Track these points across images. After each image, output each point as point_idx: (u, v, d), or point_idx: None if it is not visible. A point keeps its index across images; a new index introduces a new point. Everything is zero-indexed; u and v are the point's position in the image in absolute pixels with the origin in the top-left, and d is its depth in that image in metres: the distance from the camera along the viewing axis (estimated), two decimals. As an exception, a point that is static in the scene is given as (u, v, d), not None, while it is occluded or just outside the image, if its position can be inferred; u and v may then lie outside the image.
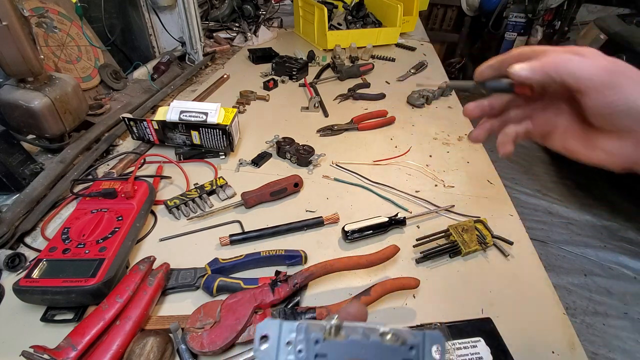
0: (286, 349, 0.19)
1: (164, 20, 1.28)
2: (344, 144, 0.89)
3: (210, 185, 0.70)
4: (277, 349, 0.19)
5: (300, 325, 0.19)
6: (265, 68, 1.24)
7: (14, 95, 0.68)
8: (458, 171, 0.82)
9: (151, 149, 0.82)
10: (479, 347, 0.46)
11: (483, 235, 0.61)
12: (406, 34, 1.67)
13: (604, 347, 1.41)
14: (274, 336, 0.19)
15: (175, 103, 0.77)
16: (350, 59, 1.35)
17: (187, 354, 0.44)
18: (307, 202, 0.71)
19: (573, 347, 0.49)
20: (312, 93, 1.09)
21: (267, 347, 0.19)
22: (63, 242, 0.52)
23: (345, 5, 1.58)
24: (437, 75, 1.30)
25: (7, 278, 0.53)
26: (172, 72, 1.17)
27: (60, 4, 0.91)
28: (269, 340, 0.19)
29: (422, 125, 0.99)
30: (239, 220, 0.66)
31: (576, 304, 1.58)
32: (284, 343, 0.19)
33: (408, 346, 0.19)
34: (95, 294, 0.47)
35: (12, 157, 0.65)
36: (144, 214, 0.61)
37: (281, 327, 0.19)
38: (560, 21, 2.96)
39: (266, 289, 0.49)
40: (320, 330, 0.19)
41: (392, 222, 0.63)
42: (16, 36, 0.62)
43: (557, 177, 2.33)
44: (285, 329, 0.19)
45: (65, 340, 0.41)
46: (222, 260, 0.55)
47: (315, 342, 0.19)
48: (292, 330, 0.19)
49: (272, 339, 0.19)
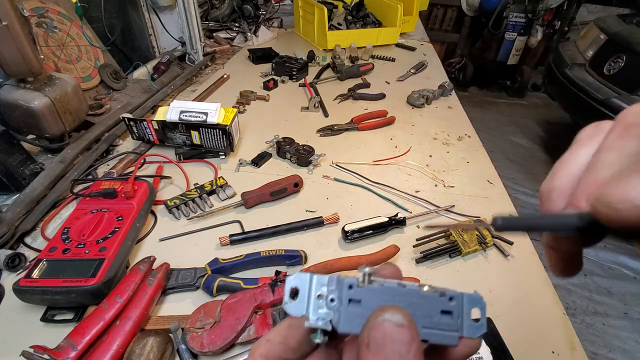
0: (317, 302, 0.18)
1: (164, 20, 1.28)
2: (344, 144, 0.89)
3: (210, 185, 0.70)
4: (307, 302, 0.18)
5: (331, 278, 0.19)
6: (265, 68, 1.24)
7: (14, 95, 0.68)
8: (458, 171, 0.82)
9: (151, 149, 0.82)
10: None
11: (483, 235, 0.61)
12: (406, 34, 1.67)
13: (604, 347, 1.41)
14: (304, 289, 0.19)
15: (175, 103, 0.77)
16: (350, 59, 1.35)
17: (187, 354, 0.44)
18: (307, 202, 0.71)
19: (573, 347, 0.49)
20: (312, 93, 1.09)
21: (297, 300, 0.19)
22: (63, 242, 0.52)
23: (345, 5, 1.58)
24: (437, 75, 1.30)
25: (7, 278, 0.53)
26: (172, 72, 1.17)
27: (60, 4, 0.91)
28: (298, 294, 0.19)
29: (422, 125, 0.99)
30: (239, 220, 0.65)
31: (576, 304, 1.58)
32: (315, 296, 0.19)
33: (447, 297, 0.18)
34: (95, 294, 0.47)
35: (12, 157, 0.65)
36: (144, 214, 0.61)
37: (312, 280, 0.19)
38: (560, 21, 2.96)
39: (266, 289, 0.48)
40: (353, 279, 0.19)
41: (392, 222, 0.63)
42: (16, 36, 0.62)
43: (557, 177, 2.33)
44: (317, 283, 0.19)
45: (65, 340, 0.41)
46: (222, 260, 0.55)
47: (349, 287, 0.18)
48: (323, 284, 0.19)
49: (302, 292, 0.19)
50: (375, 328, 0.16)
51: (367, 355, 0.15)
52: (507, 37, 2.91)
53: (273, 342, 0.19)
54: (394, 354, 0.15)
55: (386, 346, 0.15)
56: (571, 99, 2.04)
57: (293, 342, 0.19)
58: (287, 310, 0.18)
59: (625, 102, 1.73)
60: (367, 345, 0.16)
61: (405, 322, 0.16)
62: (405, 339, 0.15)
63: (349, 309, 0.18)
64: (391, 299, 0.18)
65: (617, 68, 1.85)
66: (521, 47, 2.97)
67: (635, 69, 1.77)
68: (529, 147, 2.62)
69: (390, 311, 0.16)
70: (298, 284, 0.19)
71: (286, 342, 0.19)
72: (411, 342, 0.15)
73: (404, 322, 0.16)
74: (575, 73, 2.05)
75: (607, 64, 1.91)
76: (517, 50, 2.98)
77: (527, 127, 2.87)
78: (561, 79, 2.13)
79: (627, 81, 1.79)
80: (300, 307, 0.18)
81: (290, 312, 0.18)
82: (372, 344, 0.16)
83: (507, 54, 3.01)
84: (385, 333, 0.16)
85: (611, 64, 1.90)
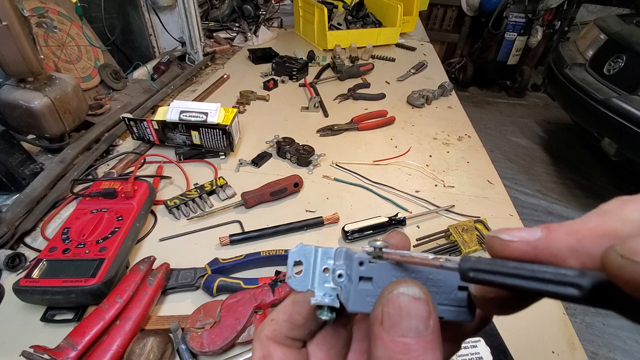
0: (323, 276, 0.17)
1: (164, 20, 1.28)
2: (344, 144, 0.89)
3: (210, 185, 0.70)
4: (312, 276, 0.17)
5: (339, 250, 0.17)
6: (265, 68, 1.24)
7: (14, 95, 0.68)
8: (458, 171, 0.82)
9: (151, 149, 0.82)
10: (479, 347, 0.46)
11: (483, 235, 0.61)
12: (406, 34, 1.67)
13: (604, 347, 1.41)
14: (309, 263, 0.17)
15: (175, 103, 0.77)
16: (350, 59, 1.35)
17: (187, 354, 0.44)
18: (307, 202, 0.71)
19: (573, 347, 0.49)
20: (312, 93, 1.09)
21: (301, 275, 0.17)
22: (63, 242, 0.52)
23: (345, 5, 1.58)
24: (437, 75, 1.30)
25: (7, 278, 0.53)
26: (172, 72, 1.17)
27: (60, 4, 0.91)
28: (302, 267, 0.17)
29: (422, 125, 0.99)
30: (239, 220, 0.65)
31: (576, 304, 1.58)
32: (320, 270, 0.17)
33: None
34: (95, 294, 0.47)
35: (12, 157, 0.65)
36: (144, 214, 0.61)
37: (317, 253, 0.17)
38: (560, 21, 2.96)
39: (266, 289, 0.48)
40: (363, 253, 0.17)
41: (392, 222, 0.63)
42: (16, 36, 0.62)
43: (557, 177, 2.33)
44: (322, 255, 0.18)
45: (65, 340, 0.41)
46: (222, 260, 0.55)
47: (359, 264, 0.16)
48: (329, 257, 0.17)
49: (306, 266, 0.17)
50: (389, 303, 0.15)
51: (381, 333, 0.14)
52: (507, 37, 2.91)
53: (278, 321, 0.18)
54: (410, 330, 0.14)
55: (402, 322, 0.14)
56: (571, 99, 2.04)
57: (299, 318, 0.18)
58: (290, 285, 0.17)
59: (625, 102, 1.73)
60: (381, 322, 0.14)
61: (422, 295, 0.15)
62: (422, 314, 0.14)
63: (360, 287, 0.16)
64: (406, 275, 0.17)
65: (617, 68, 1.85)
66: (521, 47, 2.97)
67: (635, 69, 1.77)
68: (529, 147, 2.62)
69: (405, 284, 0.15)
70: (302, 256, 0.18)
71: (292, 320, 0.18)
72: (428, 317, 0.14)
73: (421, 295, 0.15)
74: (575, 73, 2.05)
75: (607, 64, 1.91)
76: (517, 50, 2.98)
77: (527, 127, 2.87)
78: (561, 79, 2.13)
79: (627, 81, 1.78)
80: (304, 282, 0.17)
81: (294, 287, 0.17)
82: (387, 320, 0.14)
83: (507, 54, 3.01)
84: (401, 307, 0.14)
85: (611, 64, 1.90)
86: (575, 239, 0.13)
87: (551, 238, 0.13)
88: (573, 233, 0.13)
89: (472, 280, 0.14)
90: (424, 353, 0.14)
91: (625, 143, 1.81)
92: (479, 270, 0.13)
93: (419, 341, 0.14)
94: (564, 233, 0.13)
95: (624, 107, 1.72)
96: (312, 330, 0.18)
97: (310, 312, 0.18)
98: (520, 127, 2.86)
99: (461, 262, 0.14)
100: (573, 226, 0.13)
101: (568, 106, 2.20)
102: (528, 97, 3.33)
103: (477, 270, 0.14)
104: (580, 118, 2.10)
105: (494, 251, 0.15)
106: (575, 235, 0.13)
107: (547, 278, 0.12)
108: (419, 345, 0.14)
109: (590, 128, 2.03)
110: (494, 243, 0.14)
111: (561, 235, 0.13)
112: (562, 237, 0.13)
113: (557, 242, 0.13)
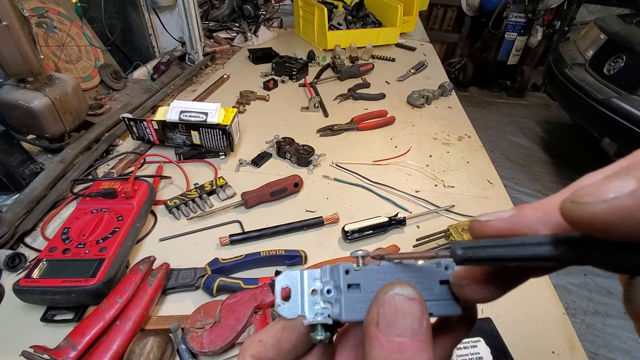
0: (312, 298, 0.17)
1: (164, 20, 1.28)
2: (344, 144, 0.89)
3: (210, 185, 0.70)
4: (301, 301, 0.17)
5: (323, 269, 0.18)
6: (265, 68, 1.24)
7: (14, 95, 0.67)
8: (458, 171, 0.82)
9: (151, 149, 0.82)
10: (479, 347, 0.46)
11: (483, 235, 0.61)
12: (406, 34, 1.67)
13: (604, 347, 1.41)
14: (296, 288, 0.17)
15: (175, 103, 0.77)
16: (350, 59, 1.35)
17: (187, 354, 0.44)
18: (307, 202, 0.71)
19: (573, 347, 0.49)
20: (312, 93, 1.09)
21: (290, 301, 0.17)
22: (63, 242, 0.52)
23: (345, 5, 1.58)
24: (437, 75, 1.30)
25: (7, 278, 0.53)
26: (172, 72, 1.17)
27: (60, 4, 0.91)
28: (291, 294, 0.17)
29: (422, 125, 0.99)
30: (239, 220, 0.65)
31: (576, 304, 1.58)
32: (309, 293, 0.17)
33: (443, 266, 0.18)
34: (95, 294, 0.47)
35: (12, 157, 0.65)
36: (144, 214, 0.61)
37: (302, 277, 0.17)
38: (560, 21, 2.96)
39: (266, 289, 0.48)
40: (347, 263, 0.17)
41: (392, 222, 0.63)
42: (16, 36, 0.62)
43: (557, 177, 2.33)
44: (308, 278, 0.18)
45: (65, 340, 0.41)
46: (222, 260, 0.55)
47: (345, 272, 0.17)
48: (315, 278, 0.18)
49: (294, 292, 0.17)
50: (385, 304, 0.15)
51: (376, 334, 0.15)
52: (507, 37, 2.91)
53: (266, 344, 0.18)
54: (405, 329, 0.15)
55: (398, 322, 0.15)
56: (571, 99, 2.04)
57: (287, 344, 0.18)
58: (280, 314, 0.17)
59: (625, 102, 1.73)
60: (377, 323, 0.15)
61: (416, 295, 0.15)
62: (417, 313, 0.15)
63: (349, 295, 0.17)
64: (391, 277, 0.17)
65: (617, 68, 1.85)
66: (521, 47, 2.97)
67: (635, 69, 1.77)
68: (529, 147, 2.62)
69: (400, 285, 0.16)
70: (288, 283, 0.18)
71: (279, 345, 0.18)
72: (422, 316, 0.15)
73: (415, 295, 0.15)
74: (575, 73, 2.05)
75: (607, 64, 1.91)
76: (517, 50, 2.98)
77: (527, 127, 2.87)
78: (561, 79, 2.13)
79: (627, 81, 1.78)
80: (294, 308, 0.17)
81: (285, 315, 0.17)
82: (382, 321, 0.15)
83: (507, 54, 3.01)
84: (397, 308, 0.15)
85: (611, 64, 1.90)
86: (542, 211, 0.14)
87: (522, 214, 0.14)
88: (541, 207, 0.14)
89: (464, 258, 0.15)
90: (419, 352, 0.14)
91: (625, 143, 1.81)
92: (468, 248, 0.15)
93: (414, 340, 0.15)
94: (532, 208, 0.14)
95: (624, 107, 1.72)
96: (299, 354, 0.18)
97: (299, 339, 0.18)
98: (520, 127, 2.86)
99: (452, 246, 0.15)
100: (541, 201, 0.14)
101: (568, 106, 2.20)
102: (528, 97, 3.33)
103: (467, 247, 0.15)
104: (580, 118, 2.10)
105: (475, 233, 0.16)
106: (543, 208, 0.14)
107: (525, 242, 0.13)
108: (414, 345, 0.14)
109: (590, 128, 2.03)
110: (474, 226, 0.16)
111: (531, 210, 0.14)
112: (531, 211, 0.14)
113: (528, 216, 0.14)
